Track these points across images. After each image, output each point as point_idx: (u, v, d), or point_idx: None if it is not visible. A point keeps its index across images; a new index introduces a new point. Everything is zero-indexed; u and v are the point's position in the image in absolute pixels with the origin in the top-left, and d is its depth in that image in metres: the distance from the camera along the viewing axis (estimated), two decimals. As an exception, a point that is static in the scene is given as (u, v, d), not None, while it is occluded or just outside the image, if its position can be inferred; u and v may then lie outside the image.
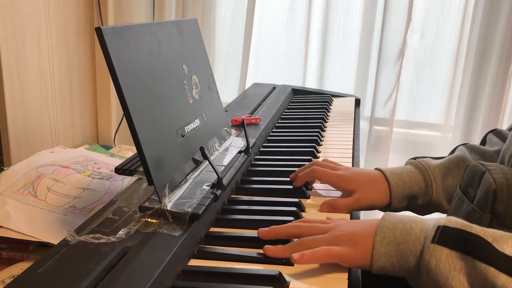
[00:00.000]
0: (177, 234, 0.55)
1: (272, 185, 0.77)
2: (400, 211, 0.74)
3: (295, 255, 0.53)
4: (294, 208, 0.68)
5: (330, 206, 0.70)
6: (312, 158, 0.89)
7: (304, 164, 0.79)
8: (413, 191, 0.74)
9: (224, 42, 1.78)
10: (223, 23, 1.76)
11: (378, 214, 0.63)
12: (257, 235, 0.61)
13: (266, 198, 0.73)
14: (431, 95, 1.68)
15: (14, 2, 1.19)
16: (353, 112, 1.27)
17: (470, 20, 1.58)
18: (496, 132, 0.83)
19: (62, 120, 1.43)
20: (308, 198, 0.74)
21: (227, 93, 1.79)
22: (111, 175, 0.90)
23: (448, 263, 0.49)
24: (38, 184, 0.83)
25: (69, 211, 0.78)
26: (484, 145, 0.84)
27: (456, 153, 0.79)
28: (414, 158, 0.78)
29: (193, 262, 0.56)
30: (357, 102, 1.37)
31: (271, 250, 0.56)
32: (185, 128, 0.71)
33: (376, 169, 0.76)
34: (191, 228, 0.57)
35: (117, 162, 0.93)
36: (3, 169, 0.90)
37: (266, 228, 0.59)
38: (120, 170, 0.69)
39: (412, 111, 1.71)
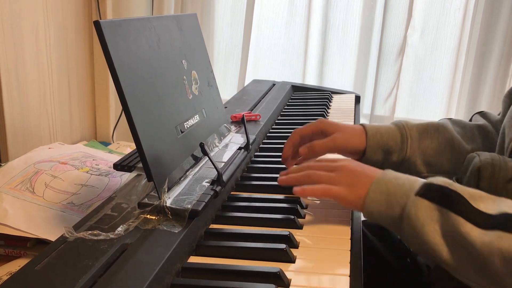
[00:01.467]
0: (176, 231, 0.55)
1: (272, 181, 0.77)
2: (376, 165, 0.73)
3: (297, 189, 0.61)
4: (295, 205, 0.67)
5: (307, 149, 0.74)
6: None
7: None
8: (389, 145, 0.77)
9: (223, 39, 1.77)
10: (223, 19, 1.75)
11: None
12: (258, 232, 0.60)
13: (266, 195, 0.72)
14: (431, 93, 1.68)
15: (11, -3, 1.18)
16: (353, 109, 1.26)
17: (471, 18, 1.58)
18: (482, 114, 0.87)
19: (60, 116, 1.42)
20: (307, 196, 0.73)
21: (227, 89, 1.79)
22: (110, 171, 0.90)
23: (426, 212, 0.55)
24: (35, 180, 0.82)
25: (67, 207, 0.78)
26: None
27: (438, 121, 0.83)
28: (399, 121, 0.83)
29: (193, 259, 0.56)
30: (357, 99, 1.37)
31: (282, 180, 0.65)
32: (185, 124, 0.71)
33: (359, 124, 0.81)
34: (190, 224, 0.56)
35: (116, 158, 0.93)
36: (1, 165, 0.89)
37: (284, 176, 0.66)
38: (119, 166, 0.68)
39: (412, 109, 1.70)
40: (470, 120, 0.89)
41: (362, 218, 0.67)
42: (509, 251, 0.49)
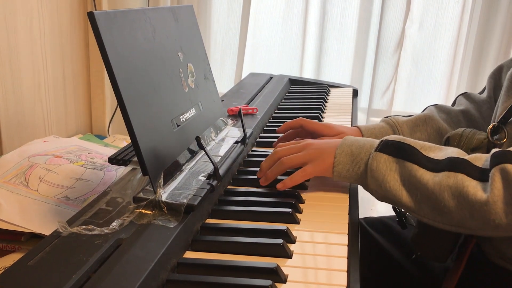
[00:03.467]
0: (172, 226, 0.54)
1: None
2: None
3: (279, 185, 0.69)
4: (292, 200, 0.66)
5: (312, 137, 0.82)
6: None
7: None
8: None
9: (220, 31, 1.75)
10: (219, 11, 1.73)
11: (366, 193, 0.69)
12: (254, 227, 0.60)
13: (263, 189, 0.72)
14: (429, 87, 1.67)
15: (5, -12, 1.16)
16: (351, 103, 1.25)
17: (469, 11, 1.57)
18: (465, 95, 0.94)
19: (55, 109, 1.40)
20: (306, 188, 0.73)
21: (223, 82, 1.77)
22: (105, 165, 0.89)
23: (385, 164, 0.63)
24: (30, 174, 0.81)
25: (61, 201, 0.77)
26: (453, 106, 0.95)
27: (424, 111, 0.90)
28: (387, 117, 0.89)
29: (189, 255, 0.55)
30: (355, 93, 1.36)
31: (263, 181, 0.71)
32: (181, 117, 0.70)
33: (354, 126, 0.87)
34: (186, 219, 0.56)
35: (111, 152, 0.92)
36: (-6, 159, 0.88)
37: (259, 170, 0.73)
38: (114, 160, 0.67)
39: (410, 103, 1.70)
40: (455, 101, 0.95)
41: (360, 216, 0.68)
42: (456, 186, 0.57)
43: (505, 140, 0.68)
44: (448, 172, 0.59)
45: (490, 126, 0.70)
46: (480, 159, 0.59)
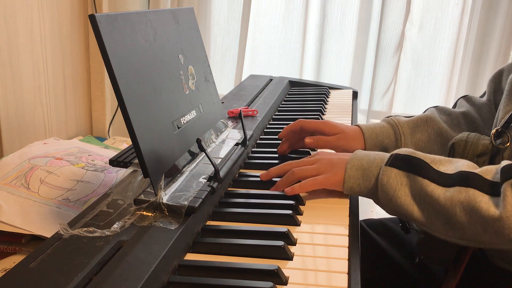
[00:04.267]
0: (173, 228, 0.54)
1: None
2: None
3: (287, 190, 0.69)
4: (292, 201, 0.67)
5: (313, 140, 0.82)
6: (310, 151, 0.88)
7: (301, 157, 0.77)
8: (385, 143, 0.85)
9: (220, 34, 1.76)
10: (219, 13, 1.74)
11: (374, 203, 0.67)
12: (255, 229, 0.60)
13: (264, 191, 0.72)
14: (429, 88, 1.67)
15: (5, -10, 1.16)
16: (351, 105, 1.25)
17: (469, 13, 1.57)
18: (466, 98, 0.94)
19: (55, 111, 1.40)
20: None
21: (223, 84, 1.77)
22: (106, 167, 0.89)
23: (396, 179, 0.63)
24: (30, 176, 0.81)
25: (62, 203, 0.77)
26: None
27: (426, 112, 0.90)
28: (388, 117, 0.89)
29: (190, 257, 0.55)
30: (355, 95, 1.36)
31: (273, 189, 0.70)
32: (181, 119, 0.70)
33: (355, 125, 0.87)
34: (187, 221, 0.56)
35: (112, 153, 0.92)
36: (-5, 161, 0.88)
37: (266, 171, 0.73)
38: (115, 162, 0.67)
39: (410, 104, 1.70)
40: (456, 103, 0.95)
41: (361, 218, 0.68)
42: (467, 201, 0.57)
43: (508, 144, 0.68)
44: (459, 187, 0.58)
45: (494, 131, 0.70)
46: (491, 172, 0.59)
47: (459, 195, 0.57)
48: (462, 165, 0.61)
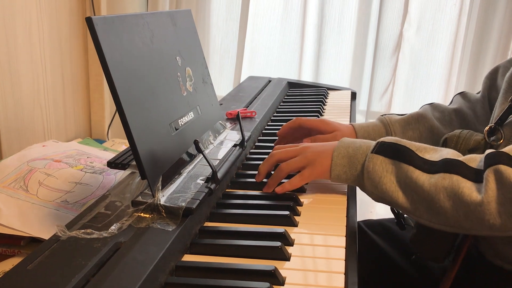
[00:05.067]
0: (170, 229, 0.54)
1: (268, 179, 0.76)
2: None
3: (278, 189, 0.70)
4: (290, 203, 0.67)
5: (311, 140, 0.84)
6: None
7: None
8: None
9: (219, 35, 1.76)
10: (218, 15, 1.74)
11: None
12: (252, 230, 0.60)
13: (261, 192, 0.72)
14: (428, 89, 1.68)
15: (4, -7, 1.17)
16: (349, 105, 1.26)
17: (467, 13, 1.57)
18: (462, 94, 0.96)
19: (54, 113, 1.41)
20: (305, 191, 0.73)
21: (222, 86, 1.78)
22: (104, 169, 0.89)
23: (382, 166, 0.64)
24: (29, 178, 0.81)
25: (61, 205, 0.77)
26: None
27: (419, 110, 0.92)
28: (383, 115, 0.91)
29: (187, 258, 0.55)
30: (353, 96, 1.36)
31: (266, 189, 0.71)
32: (179, 121, 0.70)
33: (349, 124, 0.90)
34: (185, 223, 0.56)
35: (110, 156, 0.92)
36: (-6, 163, 0.88)
37: (257, 173, 0.74)
38: (113, 164, 0.67)
39: (408, 105, 1.70)
40: (452, 100, 0.97)
41: (360, 219, 0.69)
42: (451, 187, 0.58)
43: (501, 141, 0.69)
44: (443, 173, 0.59)
45: (487, 128, 0.71)
46: (475, 160, 0.60)
47: (443, 181, 0.58)
48: (446, 153, 0.62)
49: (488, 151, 0.59)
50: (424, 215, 0.61)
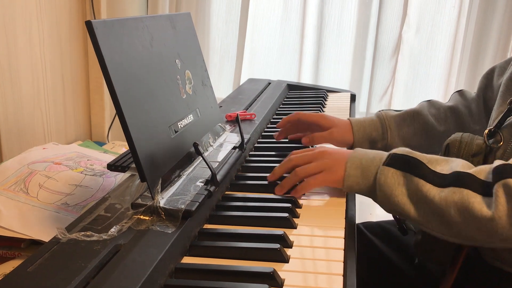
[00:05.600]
0: (170, 232, 0.55)
1: (267, 181, 0.77)
2: None
3: (291, 193, 0.70)
4: (289, 205, 0.67)
5: (309, 139, 0.87)
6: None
7: (297, 147, 0.80)
8: (373, 136, 0.90)
9: (218, 37, 1.76)
10: (218, 17, 1.75)
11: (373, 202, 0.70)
12: (251, 232, 0.60)
13: (261, 194, 0.72)
14: (427, 91, 1.68)
15: (4, -4, 1.17)
16: (349, 108, 1.26)
17: (466, 15, 1.58)
18: (460, 92, 0.97)
19: (54, 116, 1.41)
20: (303, 194, 0.73)
21: (222, 88, 1.78)
22: (104, 172, 0.89)
23: (393, 179, 0.64)
24: (29, 181, 0.82)
25: (61, 208, 0.78)
26: None
27: (416, 106, 0.94)
28: (381, 111, 0.93)
29: (187, 260, 0.56)
30: (353, 98, 1.37)
31: (278, 190, 0.72)
32: (178, 123, 0.70)
33: (347, 119, 0.92)
34: (184, 225, 0.56)
35: (111, 158, 0.92)
36: (-6, 166, 0.88)
37: (271, 173, 0.74)
38: (113, 166, 0.68)
39: (408, 106, 1.69)
40: (450, 98, 0.99)
41: (359, 221, 0.69)
42: (461, 202, 0.58)
43: (501, 143, 0.69)
44: (453, 187, 0.59)
45: (487, 131, 0.71)
46: (484, 171, 0.60)
47: (453, 196, 0.59)
48: (457, 165, 0.63)
49: (496, 162, 0.59)
50: (437, 228, 0.61)
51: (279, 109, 1.23)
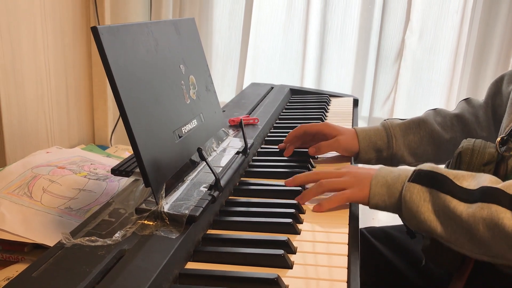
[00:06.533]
0: (174, 237, 0.55)
1: (270, 186, 0.77)
2: (370, 162, 0.92)
3: (315, 207, 0.69)
4: (292, 210, 0.67)
5: (315, 148, 0.87)
6: (311, 160, 0.89)
7: (303, 167, 0.78)
8: (378, 145, 0.90)
9: (221, 42, 1.77)
10: (221, 22, 1.75)
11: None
12: (255, 238, 0.60)
13: (265, 199, 0.72)
14: (429, 96, 1.68)
15: (9, 0, 1.18)
16: (351, 112, 1.26)
17: (469, 21, 1.58)
18: (467, 100, 0.97)
19: (58, 119, 1.41)
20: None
21: (225, 93, 1.78)
22: (108, 176, 0.89)
23: (419, 195, 0.63)
24: (33, 185, 0.82)
25: (64, 212, 0.78)
26: None
27: (422, 115, 0.95)
28: (386, 120, 0.94)
29: (191, 265, 0.56)
30: (355, 102, 1.37)
31: (300, 198, 0.71)
32: (182, 128, 0.71)
33: (352, 128, 0.93)
34: (188, 230, 0.56)
35: (114, 162, 0.92)
36: (-2, 170, 0.89)
37: (291, 178, 0.73)
38: (117, 171, 0.68)
39: (410, 112, 1.70)
40: (456, 106, 0.99)
41: (362, 226, 0.69)
42: (490, 218, 0.56)
43: None
44: (481, 203, 0.58)
45: (499, 139, 0.70)
46: None
47: (482, 212, 0.57)
48: (484, 180, 0.61)
49: None
50: (466, 246, 0.60)
51: (282, 113, 1.23)
